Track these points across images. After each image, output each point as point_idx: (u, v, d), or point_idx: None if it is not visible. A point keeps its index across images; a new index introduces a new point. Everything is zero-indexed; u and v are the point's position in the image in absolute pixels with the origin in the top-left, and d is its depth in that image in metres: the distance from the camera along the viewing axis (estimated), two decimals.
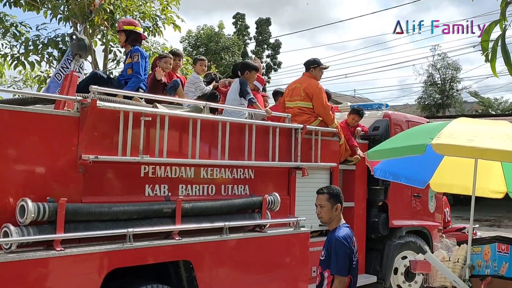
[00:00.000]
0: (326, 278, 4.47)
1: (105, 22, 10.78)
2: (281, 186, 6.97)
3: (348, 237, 4.52)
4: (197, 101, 6.44)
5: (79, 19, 10.38)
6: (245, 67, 7.27)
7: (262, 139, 6.63)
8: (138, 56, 6.44)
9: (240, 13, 46.40)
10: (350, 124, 8.44)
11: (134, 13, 11.42)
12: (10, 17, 11.17)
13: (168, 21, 11.89)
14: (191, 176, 5.91)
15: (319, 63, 7.89)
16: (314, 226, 7.48)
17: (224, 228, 5.77)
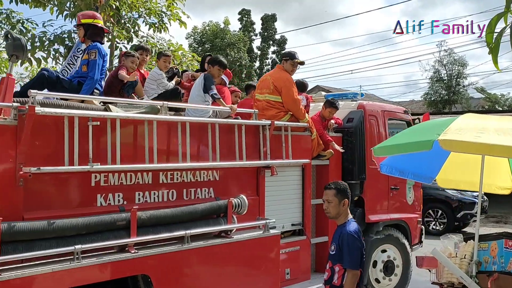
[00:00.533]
0: (337, 272, 4.52)
1: (111, 19, 10.96)
2: (249, 187, 6.60)
3: (358, 231, 4.58)
4: (155, 101, 5.99)
5: None
6: (210, 61, 6.81)
7: (227, 138, 6.23)
8: (96, 53, 5.94)
9: (246, 9, 46.68)
10: (326, 117, 8.06)
11: (140, 9, 11.64)
12: (17, 14, 11.36)
13: (174, 17, 12.04)
14: (149, 182, 5.51)
15: (293, 57, 7.47)
16: (286, 226, 7.15)
17: (185, 236, 5.39)
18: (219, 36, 38.40)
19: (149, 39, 12.54)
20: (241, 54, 39.19)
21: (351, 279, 4.44)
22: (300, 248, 7.25)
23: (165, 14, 12.06)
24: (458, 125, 5.35)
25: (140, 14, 11.93)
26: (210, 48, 37.37)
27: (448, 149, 5.27)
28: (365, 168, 8.07)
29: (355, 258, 4.48)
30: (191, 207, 5.59)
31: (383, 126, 8.51)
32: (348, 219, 4.67)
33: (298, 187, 7.33)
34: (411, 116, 9.45)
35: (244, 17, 46.26)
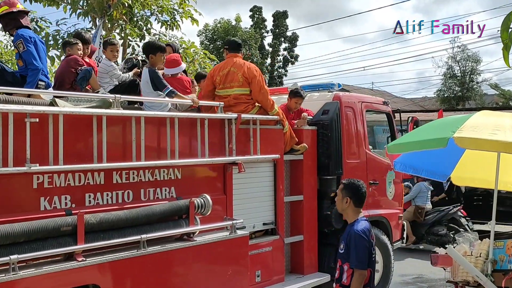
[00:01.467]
0: (346, 271, 4.47)
1: (124, 16, 11.05)
2: (216, 185, 6.17)
3: (366, 230, 4.49)
4: (107, 95, 5.53)
5: (97, 13, 10.61)
6: (148, 50, 6.24)
7: (188, 133, 5.80)
8: (22, 43, 5.36)
9: (257, 6, 46.72)
10: (292, 108, 7.64)
11: (152, 7, 11.70)
12: (31, 13, 11.19)
13: (185, 14, 12.02)
14: (100, 182, 5.05)
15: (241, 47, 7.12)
16: (258, 226, 6.74)
17: (141, 241, 4.95)
18: (230, 33, 38.75)
19: (161, 36, 12.63)
20: (252, 51, 39.93)
21: (358, 279, 4.37)
22: (273, 248, 6.84)
23: (177, 11, 12.11)
24: (474, 122, 5.32)
25: (152, 12, 12.01)
26: (221, 45, 37.75)
27: (463, 146, 5.27)
28: (341, 163, 7.66)
29: (362, 258, 4.39)
30: (148, 209, 5.15)
31: (361, 118, 8.11)
32: (357, 218, 4.56)
33: (270, 184, 6.91)
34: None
35: (256, 14, 46.45)
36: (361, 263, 4.38)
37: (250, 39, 39.76)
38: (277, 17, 46.47)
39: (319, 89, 8.66)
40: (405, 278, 9.87)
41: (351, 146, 7.87)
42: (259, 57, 41.78)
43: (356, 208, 4.58)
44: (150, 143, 5.37)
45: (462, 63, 40.04)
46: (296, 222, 7.38)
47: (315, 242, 7.55)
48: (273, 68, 46.56)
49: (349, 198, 4.56)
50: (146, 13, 12.19)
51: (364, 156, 8.06)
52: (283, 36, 46.70)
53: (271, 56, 46.81)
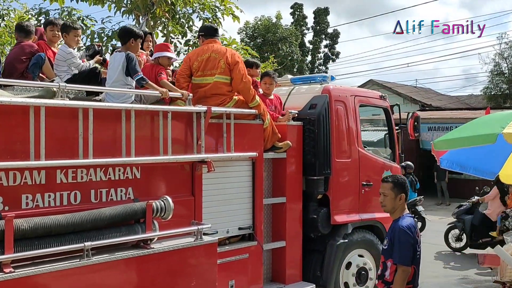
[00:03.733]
0: (389, 268, 4.45)
1: (166, 14, 11.19)
2: (182, 186, 5.56)
3: (412, 227, 4.47)
4: (51, 84, 4.94)
5: (141, 11, 10.82)
6: (128, 34, 5.68)
7: (148, 127, 5.19)
8: None
9: (298, 3, 46.59)
10: (265, 91, 7.04)
11: (194, 4, 11.87)
12: (77, 12, 11.77)
13: (227, 12, 12.10)
14: (41, 182, 4.47)
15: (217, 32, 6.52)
16: (232, 231, 6.13)
17: (85, 249, 4.36)
18: (271, 31, 38.88)
19: None
20: (292, 48, 40.04)
21: (401, 275, 4.36)
22: (250, 255, 6.21)
23: (218, 9, 12.19)
24: None
25: (194, 9, 12.17)
26: (261, 42, 38.19)
27: None
28: (330, 162, 7.01)
29: (406, 254, 4.39)
30: (95, 212, 4.55)
31: (353, 113, 7.43)
32: (403, 214, 4.57)
33: (247, 184, 6.29)
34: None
35: (297, 11, 46.33)
36: (405, 259, 4.37)
37: (291, 36, 39.70)
38: (318, 14, 46.20)
39: (310, 81, 7.99)
40: (450, 279, 9.66)
41: (342, 143, 7.21)
42: (300, 55, 41.81)
43: (404, 203, 4.62)
44: (100, 138, 4.77)
45: (510, 60, 38.80)
46: (278, 227, 6.75)
47: (299, 249, 6.91)
48: (314, 65, 46.42)
49: (404, 194, 4.57)
50: (188, 11, 12.32)
51: (357, 155, 7.39)
52: (324, 33, 46.56)
53: (312, 54, 46.81)
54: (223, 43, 12.42)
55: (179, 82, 6.08)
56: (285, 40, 39.02)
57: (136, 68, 5.43)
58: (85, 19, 11.84)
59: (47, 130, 4.37)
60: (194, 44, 12.36)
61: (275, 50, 37.15)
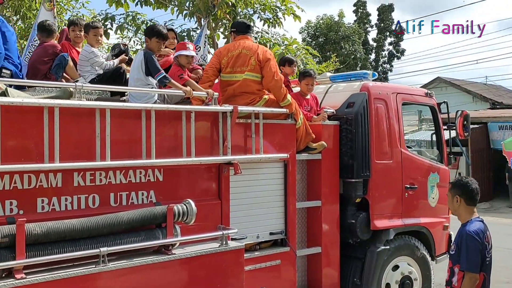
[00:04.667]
0: (456, 274, 4.35)
1: (227, 15, 11.43)
2: (207, 189, 5.34)
3: (480, 232, 4.31)
4: (67, 84, 4.82)
5: (203, 14, 11.08)
6: (145, 32, 5.53)
7: (171, 128, 5.00)
8: None
9: (361, 1, 46.37)
10: (305, 92, 6.73)
11: (255, 5, 11.95)
12: (141, 16, 12.29)
13: (288, 11, 12.14)
14: (57, 185, 4.35)
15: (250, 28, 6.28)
16: (263, 236, 5.84)
17: (100, 255, 4.20)
18: (333, 29, 38.94)
19: (263, 34, 12.94)
20: (355, 47, 40.06)
21: (468, 282, 4.20)
22: (282, 262, 5.91)
23: (279, 9, 12.24)
24: None
25: (255, 10, 12.19)
26: (323, 41, 38.27)
27: None
28: (369, 164, 6.61)
29: (473, 260, 4.21)
30: (112, 216, 4.39)
31: (395, 111, 7.00)
32: (471, 218, 4.39)
33: (279, 187, 5.99)
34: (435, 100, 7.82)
35: (360, 9, 46.00)
36: (472, 266, 4.21)
37: (354, 34, 39.34)
38: (382, 10, 45.61)
39: (350, 79, 7.60)
40: None
41: (382, 144, 6.79)
42: (363, 53, 41.31)
43: (468, 207, 4.41)
44: (119, 139, 4.61)
45: None
46: (313, 232, 6.42)
47: (336, 255, 6.55)
48: (378, 63, 45.83)
49: (459, 196, 4.40)
50: (249, 12, 12.39)
51: (399, 156, 6.95)
52: (389, 30, 45.74)
53: (376, 51, 46.24)
54: (283, 43, 12.77)
55: (207, 73, 5.93)
56: (348, 38, 38.63)
57: (157, 67, 5.26)
58: (149, 22, 12.19)
59: (63, 132, 4.25)
60: None
61: (337, 49, 36.90)
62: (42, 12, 8.01)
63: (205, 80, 5.76)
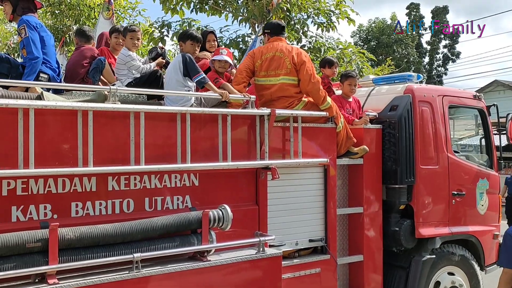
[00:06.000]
0: None
1: (282, 21, 10.86)
2: (244, 194, 5.21)
3: None
4: (102, 87, 4.77)
5: (257, 19, 11.24)
6: (179, 37, 5.50)
7: (207, 132, 4.89)
8: (25, 29, 4.80)
9: (414, 3, 46.34)
10: (348, 93, 6.54)
11: (309, 10, 12.06)
12: (196, 22, 12.40)
13: (342, 15, 12.19)
14: (91, 189, 4.30)
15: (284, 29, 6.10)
16: (302, 243, 5.67)
17: (134, 261, 4.12)
18: (385, 33, 38.89)
19: (318, 38, 12.90)
20: (409, 50, 39.83)
21: (503, 277, 4.43)
22: (322, 270, 5.71)
23: (333, 13, 12.26)
24: None
25: (309, 14, 12.28)
26: (375, 45, 37.99)
27: None
28: (414, 169, 6.34)
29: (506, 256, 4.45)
30: (146, 221, 4.30)
31: (441, 115, 6.70)
32: None
33: (319, 193, 5.80)
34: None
35: (413, 12, 45.75)
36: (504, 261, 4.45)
37: (407, 37, 38.67)
38: (436, 13, 45.09)
39: (394, 81, 7.33)
40: None
41: (427, 149, 6.50)
42: (416, 56, 40.66)
43: None
44: (154, 143, 4.53)
45: None
46: (355, 239, 6.20)
47: (379, 264, 6.29)
48: (432, 67, 45.15)
49: None
50: (303, 16, 12.43)
51: (445, 161, 6.64)
52: (443, 33, 45.21)
53: (430, 55, 45.76)
54: (338, 47, 12.75)
55: (242, 74, 5.76)
56: (401, 41, 37.95)
57: (196, 68, 5.20)
58: (203, 29, 11.99)
59: (98, 135, 4.21)
60: (309, 49, 12.56)
61: (390, 53, 36.31)
62: (100, 21, 8.19)
63: (239, 82, 5.64)
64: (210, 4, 12.19)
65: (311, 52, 12.81)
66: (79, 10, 13.61)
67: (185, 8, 12.12)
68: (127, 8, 14.72)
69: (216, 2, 12.24)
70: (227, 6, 12.24)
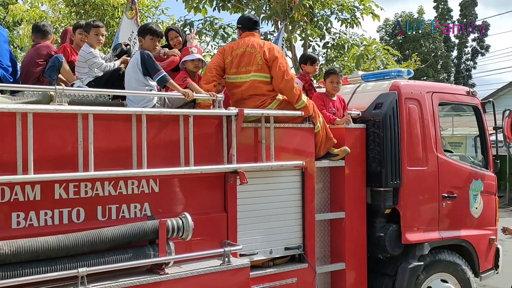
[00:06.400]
0: None
1: (305, 18, 11.41)
2: (211, 200, 4.85)
3: None
4: (47, 87, 4.42)
5: (280, 16, 11.09)
6: (138, 32, 5.14)
7: (167, 134, 4.54)
8: None
9: None
10: (330, 91, 6.15)
11: (332, 6, 11.93)
12: (218, 20, 12.53)
13: (366, 11, 12.02)
14: (35, 198, 3.97)
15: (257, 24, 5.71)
16: (277, 251, 5.30)
17: (79, 276, 3.78)
18: (412, 27, 38.20)
19: (341, 35, 12.76)
20: (436, 44, 39.33)
21: None
22: (299, 279, 5.33)
23: (357, 8, 12.10)
24: None
25: (332, 11, 12.16)
26: (402, 40, 37.75)
27: None
28: (400, 171, 5.95)
29: None
30: (94, 233, 3.97)
31: (431, 113, 6.29)
32: None
33: (295, 197, 5.43)
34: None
35: (440, 5, 45.08)
36: None
37: (434, 31, 37.89)
38: (464, 6, 44.46)
39: (384, 77, 6.93)
40: None
41: (415, 149, 6.10)
42: (444, 50, 40.06)
43: None
44: (106, 147, 4.19)
45: None
46: (336, 246, 5.82)
47: (363, 272, 5.92)
48: (460, 61, 44.66)
49: None
50: (326, 13, 12.31)
51: (435, 162, 6.24)
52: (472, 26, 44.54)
53: (458, 48, 45.19)
54: (362, 43, 12.63)
55: (211, 72, 5.36)
56: (428, 35, 37.42)
57: (156, 67, 4.85)
58: (226, 27, 12.52)
59: (41, 139, 3.89)
60: (332, 46, 12.47)
61: (417, 47, 35.88)
62: (124, 21, 8.07)
63: (209, 80, 5.27)
64: (233, 2, 12.15)
65: (335, 49, 12.67)
66: (103, 9, 13.62)
67: (208, 6, 12.10)
68: (150, 7, 14.71)
69: (239, 0, 12.17)
70: (250, 3, 12.20)
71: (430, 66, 33.09)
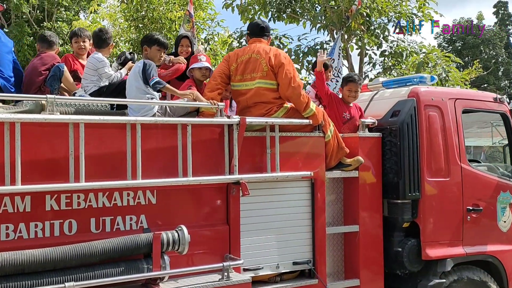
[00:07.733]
0: None
1: (361, 26, 11.33)
2: (213, 212, 4.67)
3: None
4: (39, 96, 4.34)
5: (336, 26, 11.20)
6: (143, 41, 5.04)
7: (165, 144, 4.39)
8: None
9: (502, 1, 44.67)
10: (346, 99, 5.95)
11: (389, 14, 11.79)
12: (274, 31, 12.41)
13: (425, 18, 11.85)
14: (24, 210, 3.88)
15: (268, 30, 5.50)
16: (285, 266, 5.05)
17: None
18: (470, 33, 37.56)
19: (399, 43, 12.57)
20: (497, 50, 38.43)
21: None
22: None
23: (415, 15, 11.92)
24: None
25: (390, 18, 12.07)
26: (461, 46, 37.09)
27: None
28: (419, 182, 5.63)
29: None
30: (83, 246, 3.84)
31: (453, 121, 5.95)
32: None
33: (305, 210, 5.18)
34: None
35: (500, 10, 44.25)
36: None
37: (495, 37, 37.58)
38: None
39: (406, 84, 6.61)
40: None
41: (436, 159, 5.76)
42: (505, 56, 39.13)
43: None
44: (99, 157, 4.08)
45: None
46: (351, 261, 5.54)
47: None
48: None
49: None
50: (383, 21, 12.17)
51: (459, 173, 5.88)
52: None
53: None
54: (421, 51, 12.32)
55: (216, 80, 5.18)
56: (488, 42, 36.64)
57: (151, 73, 4.73)
58: (281, 37, 12.42)
59: (31, 149, 3.80)
60: (390, 54, 12.25)
61: (476, 54, 34.97)
62: None
63: (213, 88, 5.10)
64: (288, 13, 12.22)
65: (392, 57, 12.39)
66: (161, 23, 13.92)
67: (263, 17, 12.12)
68: (206, 20, 14.87)
69: (294, 10, 12.24)
70: (305, 14, 12.21)
71: (491, 73, 32.00)
